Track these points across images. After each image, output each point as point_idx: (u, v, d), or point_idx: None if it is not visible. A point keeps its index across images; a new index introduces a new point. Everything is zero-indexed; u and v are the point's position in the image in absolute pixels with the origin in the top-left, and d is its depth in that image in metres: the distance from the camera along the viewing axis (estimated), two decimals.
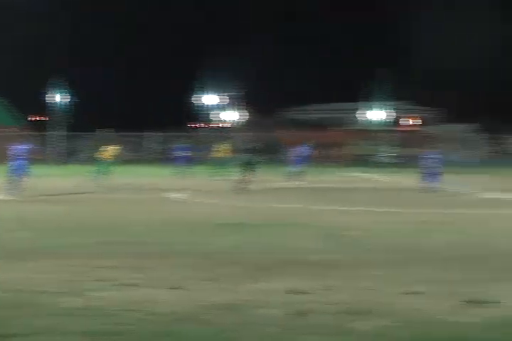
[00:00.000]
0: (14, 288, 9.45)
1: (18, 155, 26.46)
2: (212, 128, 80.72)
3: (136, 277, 10.27)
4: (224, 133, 71.67)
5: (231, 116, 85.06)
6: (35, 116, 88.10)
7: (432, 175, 29.42)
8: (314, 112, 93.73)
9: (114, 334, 7.25)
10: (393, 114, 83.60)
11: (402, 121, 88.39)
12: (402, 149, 70.17)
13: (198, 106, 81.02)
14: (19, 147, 26.97)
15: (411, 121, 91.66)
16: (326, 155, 70.42)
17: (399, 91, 76.58)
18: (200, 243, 14.01)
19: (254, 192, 28.35)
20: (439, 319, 8.05)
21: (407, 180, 35.68)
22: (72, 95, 76.16)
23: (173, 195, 27.02)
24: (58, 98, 75.72)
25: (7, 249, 13.09)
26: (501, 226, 17.62)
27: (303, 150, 40.40)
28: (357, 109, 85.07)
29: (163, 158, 59.54)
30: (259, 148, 50.02)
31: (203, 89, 79.07)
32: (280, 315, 8.15)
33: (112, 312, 8.19)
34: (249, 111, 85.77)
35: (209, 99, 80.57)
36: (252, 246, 13.56)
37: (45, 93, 75.76)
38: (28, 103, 78.92)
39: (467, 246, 14.00)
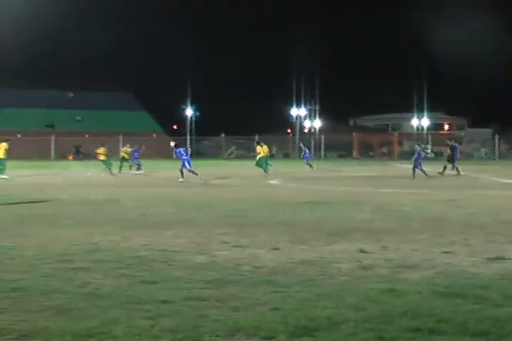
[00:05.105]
0: (158, 248, 9.57)
1: None
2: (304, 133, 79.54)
3: (244, 241, 10.30)
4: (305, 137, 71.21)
5: (312, 124, 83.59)
6: (175, 125, 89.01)
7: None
8: (376, 120, 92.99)
9: (228, 282, 7.28)
10: (431, 121, 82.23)
11: (438, 126, 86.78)
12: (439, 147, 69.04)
13: (288, 115, 79.99)
14: None
15: (446, 126, 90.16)
16: (383, 153, 69.76)
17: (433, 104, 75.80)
18: (290, 216, 13.97)
19: (325, 179, 28.15)
20: (466, 271, 7.94)
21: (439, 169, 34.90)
22: (197, 109, 77.42)
23: (272, 181, 27.06)
24: (189, 112, 77.03)
25: (153, 220, 13.23)
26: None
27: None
28: (406, 118, 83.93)
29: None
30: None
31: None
32: (349, 268, 8.07)
33: (228, 266, 8.23)
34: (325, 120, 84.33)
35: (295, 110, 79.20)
36: (328, 218, 13.45)
37: (181, 108, 77.36)
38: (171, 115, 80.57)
39: (482, 216, 13.61)
